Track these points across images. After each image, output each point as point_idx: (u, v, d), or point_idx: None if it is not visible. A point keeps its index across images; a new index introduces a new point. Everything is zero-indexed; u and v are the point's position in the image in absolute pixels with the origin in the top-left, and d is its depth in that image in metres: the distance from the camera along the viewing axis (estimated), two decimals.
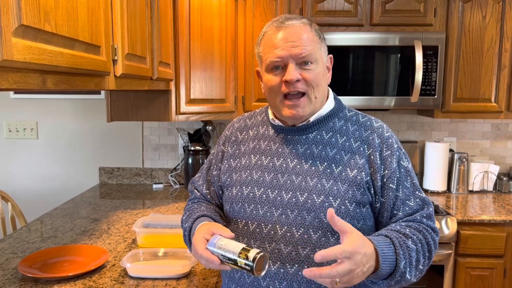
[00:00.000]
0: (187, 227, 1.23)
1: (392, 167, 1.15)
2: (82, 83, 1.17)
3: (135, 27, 1.54)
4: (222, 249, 1.02)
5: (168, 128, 2.91)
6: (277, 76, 1.14)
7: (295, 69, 1.12)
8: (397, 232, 1.08)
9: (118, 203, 2.42)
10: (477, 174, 2.73)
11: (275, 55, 1.13)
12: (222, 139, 1.36)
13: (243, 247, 1.01)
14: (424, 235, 1.11)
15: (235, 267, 1.01)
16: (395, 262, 1.02)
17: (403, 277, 1.04)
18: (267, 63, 1.15)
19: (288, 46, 1.11)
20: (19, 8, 0.82)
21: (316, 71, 1.14)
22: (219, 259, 1.02)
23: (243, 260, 0.99)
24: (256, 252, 0.99)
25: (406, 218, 1.14)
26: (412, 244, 1.06)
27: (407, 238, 1.06)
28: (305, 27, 1.15)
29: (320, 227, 1.10)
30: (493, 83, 2.48)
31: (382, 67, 2.42)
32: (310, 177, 1.14)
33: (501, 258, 2.28)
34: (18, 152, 2.90)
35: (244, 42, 2.50)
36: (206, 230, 1.09)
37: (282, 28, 1.14)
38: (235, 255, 1.00)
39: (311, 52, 1.12)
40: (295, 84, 1.12)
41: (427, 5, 2.44)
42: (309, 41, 1.13)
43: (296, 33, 1.12)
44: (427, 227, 1.13)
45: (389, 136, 1.19)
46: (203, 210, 1.26)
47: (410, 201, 1.15)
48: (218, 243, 1.04)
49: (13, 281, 1.43)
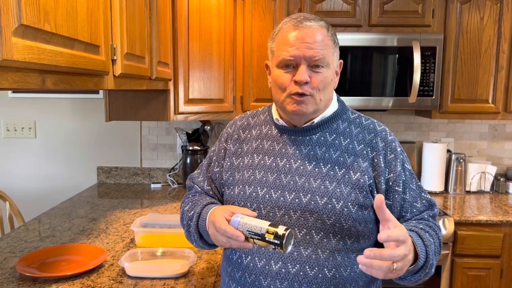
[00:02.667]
0: (193, 215, 1.21)
1: (397, 170, 1.16)
2: (81, 83, 1.17)
3: (134, 27, 1.54)
4: (248, 225, 1.02)
5: (167, 127, 2.92)
6: (287, 74, 1.14)
7: (306, 71, 1.11)
8: (415, 227, 1.12)
9: (116, 203, 2.42)
10: (475, 174, 2.74)
11: (289, 53, 1.12)
12: (224, 136, 1.35)
13: (269, 223, 1.02)
14: (435, 231, 1.15)
15: (261, 242, 1.01)
16: (426, 254, 1.05)
17: (431, 269, 1.07)
18: (279, 60, 1.15)
19: (303, 47, 1.11)
20: (19, 8, 0.82)
21: (325, 75, 1.14)
22: (244, 235, 1.02)
23: (271, 234, 0.99)
24: (284, 228, 1.00)
25: (415, 218, 1.18)
26: (430, 237, 1.10)
27: (425, 232, 1.11)
28: (322, 30, 1.14)
29: (322, 229, 1.11)
30: (490, 84, 2.49)
31: (380, 67, 2.42)
32: (313, 179, 1.14)
33: (498, 259, 2.29)
34: (16, 151, 2.89)
35: (242, 42, 2.50)
36: (225, 210, 1.09)
37: (299, 27, 1.13)
38: (263, 230, 1.00)
39: (324, 56, 1.12)
40: (303, 86, 1.12)
41: (425, 6, 2.45)
42: (324, 45, 1.13)
43: (313, 35, 1.12)
44: (434, 225, 1.17)
45: (393, 139, 1.21)
46: (208, 200, 1.25)
47: (417, 203, 1.19)
48: (242, 220, 1.04)
49: (11, 280, 1.43)
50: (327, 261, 1.11)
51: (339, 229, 1.11)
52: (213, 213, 1.11)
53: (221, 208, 1.12)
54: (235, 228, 1.03)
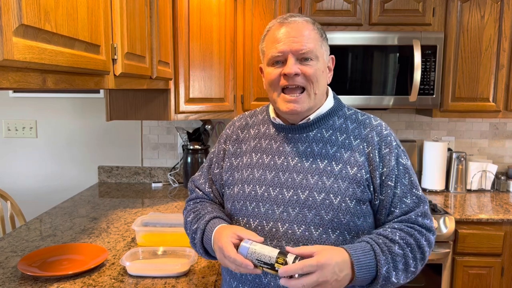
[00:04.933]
0: (197, 229, 1.22)
1: (390, 164, 1.16)
2: (82, 82, 1.18)
3: (134, 26, 1.54)
4: (257, 253, 1.04)
5: (167, 127, 2.92)
6: (277, 69, 1.16)
7: (295, 63, 1.13)
8: (384, 237, 1.10)
9: (117, 202, 2.43)
10: (475, 173, 2.74)
11: (277, 49, 1.15)
12: (223, 138, 1.36)
13: (279, 251, 1.03)
14: (415, 239, 1.12)
15: (271, 271, 1.04)
16: (376, 268, 1.04)
17: (387, 281, 1.06)
18: (269, 58, 1.18)
19: (289, 42, 1.13)
20: (20, 8, 0.82)
21: (316, 67, 1.15)
22: (252, 263, 1.04)
23: (281, 264, 1.01)
24: (294, 257, 1.02)
25: (402, 217, 1.15)
26: (399, 249, 1.08)
27: (394, 244, 1.08)
28: (307, 24, 1.17)
29: (321, 224, 1.11)
30: (491, 82, 2.49)
31: (380, 66, 2.42)
32: (311, 175, 1.15)
33: (498, 257, 2.29)
34: (17, 151, 2.90)
35: (243, 41, 2.50)
36: (231, 234, 1.10)
37: (285, 24, 1.16)
38: (272, 260, 1.02)
39: (312, 49, 1.14)
40: (294, 77, 1.13)
41: (425, 4, 2.45)
42: (310, 38, 1.15)
43: (298, 29, 1.14)
44: (421, 228, 1.14)
45: (388, 134, 1.21)
46: (210, 211, 1.26)
47: (407, 199, 1.16)
48: (252, 248, 1.05)
49: (12, 280, 1.43)
50: None
51: (338, 224, 1.11)
52: (219, 237, 1.12)
53: (226, 230, 1.12)
54: (244, 255, 1.05)
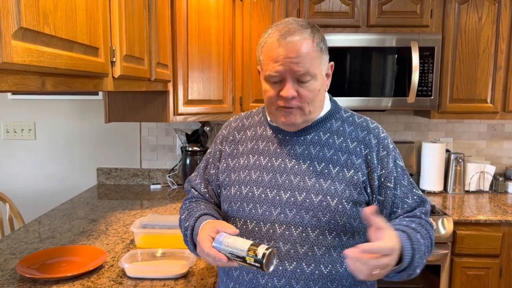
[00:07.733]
0: (188, 226, 1.23)
1: (389, 166, 1.18)
2: (81, 85, 1.18)
3: (133, 28, 1.55)
4: (229, 246, 1.03)
5: (166, 129, 2.92)
6: (274, 89, 1.15)
7: (292, 86, 1.12)
8: (407, 227, 1.11)
9: (116, 204, 2.43)
10: (473, 174, 2.75)
11: (274, 69, 1.12)
12: (219, 138, 1.36)
13: (250, 244, 1.02)
14: (427, 230, 1.15)
15: (243, 264, 1.03)
16: (411, 257, 1.05)
17: (414, 271, 1.08)
18: (266, 75, 1.15)
19: (287, 62, 1.10)
20: (19, 11, 0.83)
21: (313, 87, 1.14)
22: (226, 257, 1.04)
23: (252, 257, 1.00)
24: (265, 248, 1.01)
25: (406, 214, 1.18)
26: (421, 239, 1.10)
27: (416, 233, 1.10)
28: (307, 42, 1.12)
29: (318, 226, 1.12)
30: (489, 84, 2.50)
31: (379, 68, 2.43)
32: (308, 177, 1.16)
33: (497, 258, 2.29)
34: (16, 153, 2.90)
35: (241, 43, 2.51)
36: (211, 228, 1.10)
37: (282, 44, 1.11)
38: (244, 252, 1.01)
39: (309, 69, 1.11)
40: (290, 100, 1.13)
41: (423, 6, 2.46)
42: (308, 57, 1.11)
43: (296, 50, 1.10)
44: (427, 223, 1.17)
45: (385, 136, 1.22)
46: (203, 208, 1.26)
47: (408, 199, 1.19)
48: (225, 241, 1.05)
49: (11, 282, 1.43)
50: (323, 258, 1.13)
51: (335, 225, 1.12)
52: (201, 231, 1.12)
53: (208, 224, 1.13)
54: (218, 248, 1.05)
